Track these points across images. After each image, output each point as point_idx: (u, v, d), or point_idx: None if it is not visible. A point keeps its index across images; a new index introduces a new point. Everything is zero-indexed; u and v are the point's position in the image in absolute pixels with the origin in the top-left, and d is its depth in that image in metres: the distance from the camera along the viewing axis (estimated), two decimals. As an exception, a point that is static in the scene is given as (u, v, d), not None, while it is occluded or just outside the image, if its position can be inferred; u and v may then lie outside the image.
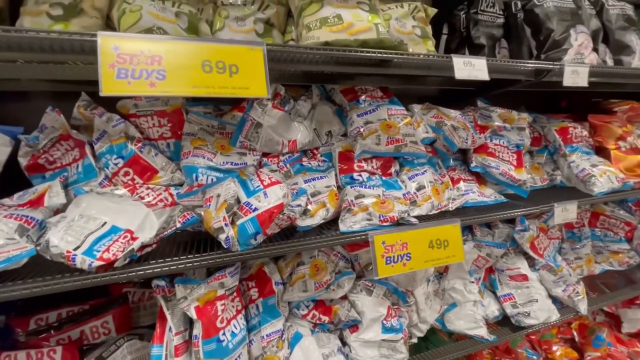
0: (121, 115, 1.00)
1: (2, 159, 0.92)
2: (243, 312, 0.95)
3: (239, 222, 0.76)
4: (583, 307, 1.33)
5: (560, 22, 1.23)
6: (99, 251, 0.68)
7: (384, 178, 1.07)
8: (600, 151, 1.51)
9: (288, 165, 1.07)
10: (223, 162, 1.01)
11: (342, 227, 0.93)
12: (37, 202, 0.88)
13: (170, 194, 1.00)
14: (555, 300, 1.34)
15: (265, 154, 1.11)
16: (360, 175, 1.04)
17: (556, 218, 1.17)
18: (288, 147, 1.09)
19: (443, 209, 1.11)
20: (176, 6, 0.93)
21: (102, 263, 0.66)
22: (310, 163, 1.09)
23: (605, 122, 1.53)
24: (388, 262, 0.88)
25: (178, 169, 1.05)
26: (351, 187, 1.00)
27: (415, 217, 1.00)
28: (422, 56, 0.89)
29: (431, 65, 0.98)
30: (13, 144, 0.94)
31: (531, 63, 1.09)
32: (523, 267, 1.32)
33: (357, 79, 1.20)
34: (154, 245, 0.78)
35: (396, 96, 1.20)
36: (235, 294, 0.93)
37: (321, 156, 1.13)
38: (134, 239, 0.72)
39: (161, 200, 0.98)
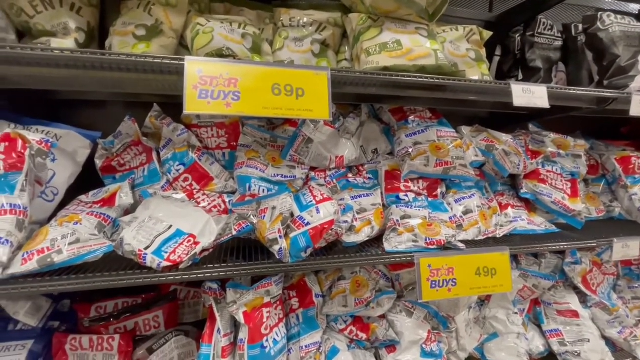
0: (185, 125, 1.08)
1: (82, 160, 1.03)
2: (284, 321, 0.98)
3: (291, 235, 0.79)
4: (641, 353, 1.22)
5: (628, 48, 1.17)
6: (166, 252, 0.74)
7: (430, 199, 1.07)
8: (667, 184, 1.39)
9: (335, 181, 1.10)
10: (274, 174, 1.06)
11: (387, 246, 0.93)
12: (109, 201, 0.98)
13: (224, 201, 1.07)
14: (609, 342, 1.24)
15: (312, 168, 1.15)
16: (407, 196, 1.05)
17: (615, 254, 1.09)
18: (335, 163, 1.12)
19: (490, 235, 1.09)
20: (242, 28, 1.01)
21: (169, 264, 0.72)
22: (356, 179, 1.11)
23: (674, 152, 1.41)
24: (433, 286, 0.87)
25: (231, 178, 1.12)
26: (397, 207, 1.01)
27: (461, 242, 0.98)
28: (479, 83, 0.88)
29: (488, 91, 0.97)
30: (92, 146, 1.05)
31: (595, 91, 1.05)
32: (573, 302, 1.24)
33: (404, 99, 1.21)
34: (211, 250, 0.83)
35: (446, 118, 1.20)
36: (278, 302, 0.96)
37: (367, 173, 1.15)
38: (196, 243, 0.77)
39: (215, 207, 1.05)
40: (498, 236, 1.10)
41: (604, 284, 1.30)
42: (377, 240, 1.00)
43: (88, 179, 1.05)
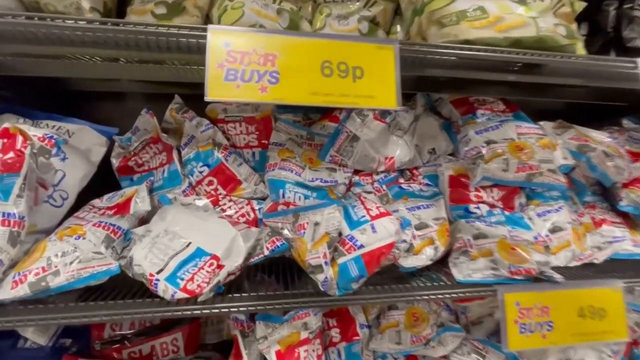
0: (210, 120, 0.93)
1: (97, 159, 0.91)
2: (323, 357, 0.80)
3: (340, 261, 0.61)
4: None
5: None
6: (182, 279, 0.58)
7: (506, 213, 0.85)
8: None
9: (384, 187, 0.91)
10: (312, 178, 0.89)
11: (457, 274, 0.73)
12: (124, 207, 0.85)
13: (253, 209, 0.91)
14: None
15: (356, 171, 0.97)
16: (478, 208, 0.83)
17: None
18: (385, 165, 0.93)
19: (586, 261, 0.85)
20: (277, 3, 0.84)
21: (185, 296, 0.56)
22: (410, 186, 0.91)
23: None
24: (522, 330, 0.66)
25: (261, 181, 0.96)
26: (467, 222, 0.80)
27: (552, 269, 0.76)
28: (601, 62, 0.66)
29: (602, 74, 0.73)
30: (108, 144, 0.93)
31: None
32: (687, 347, 0.97)
33: (470, 87, 0.99)
34: (238, 273, 0.67)
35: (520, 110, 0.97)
36: (317, 335, 0.79)
37: (423, 178, 0.94)
38: (220, 267, 0.61)
39: (243, 215, 0.89)
40: (597, 262, 0.86)
41: None
42: (438, 262, 0.80)
43: (105, 180, 0.93)
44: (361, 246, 0.61)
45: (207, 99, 0.47)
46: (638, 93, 0.73)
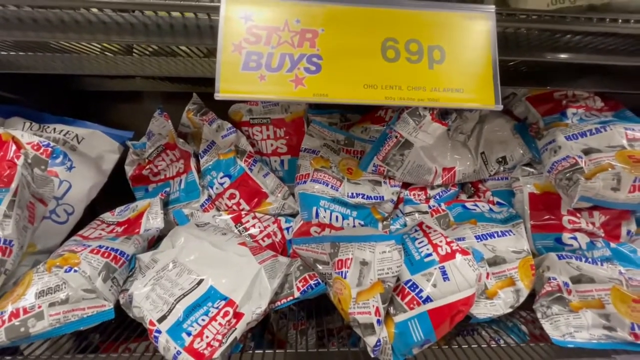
0: (232, 123, 0.80)
1: (109, 167, 0.81)
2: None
3: (397, 319, 0.44)
4: None
5: None
6: (189, 334, 0.45)
7: (611, 244, 0.64)
8: None
9: (443, 206, 0.73)
10: (351, 194, 0.73)
11: (553, 332, 0.54)
12: (134, 223, 0.74)
13: (280, 228, 0.77)
14: None
15: (405, 185, 0.79)
16: (575, 238, 0.63)
17: None
18: (442, 178, 0.75)
19: None
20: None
21: (191, 359, 0.42)
22: (477, 206, 0.72)
23: None
24: None
25: (291, 195, 0.81)
26: (560, 258, 0.60)
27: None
28: None
29: None
30: (122, 150, 0.82)
31: None
32: None
33: (554, 77, 0.77)
34: (260, 319, 0.52)
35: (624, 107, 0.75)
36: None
37: (492, 195, 0.75)
38: (237, 316, 0.47)
39: (269, 236, 0.76)
40: None
41: None
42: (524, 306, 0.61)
43: (120, 192, 0.83)
44: (428, 299, 0.44)
45: (217, 96, 0.33)
46: None
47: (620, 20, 0.39)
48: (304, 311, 0.68)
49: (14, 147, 0.58)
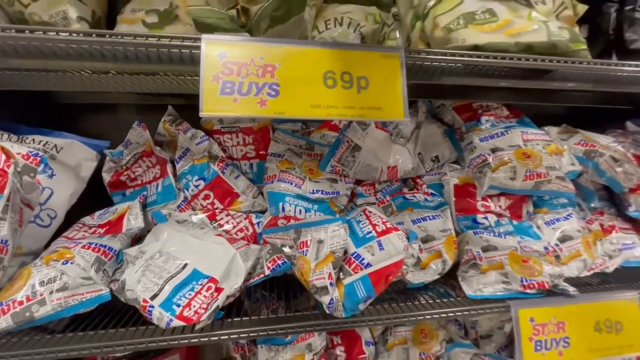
0: (205, 131, 0.90)
1: (87, 175, 0.87)
2: (329, 379, 0.76)
3: (346, 281, 0.58)
4: None
5: None
6: (179, 305, 0.54)
7: (514, 222, 0.82)
8: None
9: (388, 198, 0.88)
10: (312, 190, 0.85)
11: (468, 289, 0.70)
12: (116, 224, 0.81)
13: (251, 223, 0.88)
14: None
15: (357, 181, 0.94)
16: (487, 218, 0.81)
17: None
18: (387, 175, 0.90)
19: (597, 270, 0.82)
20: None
21: (182, 323, 0.52)
22: (415, 196, 0.88)
23: None
24: (538, 348, 0.63)
25: (260, 194, 0.92)
26: (475, 234, 0.77)
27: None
28: (617, 67, 0.63)
29: (616, 79, 0.71)
30: (99, 158, 0.89)
31: None
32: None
33: (473, 93, 0.96)
34: (238, 294, 0.63)
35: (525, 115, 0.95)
36: (321, 355, 0.75)
37: (427, 188, 0.91)
38: (218, 290, 0.58)
39: (241, 230, 0.86)
40: (608, 270, 0.83)
41: None
42: (448, 276, 0.77)
43: (96, 197, 0.89)
44: (368, 265, 0.58)
45: (202, 114, 0.44)
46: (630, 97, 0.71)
47: (491, 57, 0.56)
48: (275, 294, 0.79)
49: (3, 157, 0.64)
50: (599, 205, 0.98)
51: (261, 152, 0.94)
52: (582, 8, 0.92)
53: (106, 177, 0.91)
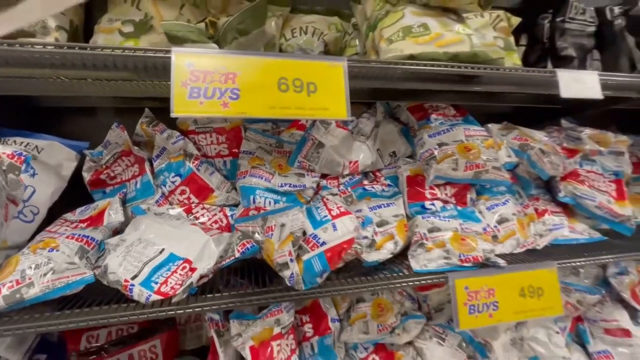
0: (181, 132, 0.97)
1: (68, 174, 0.92)
2: (297, 351, 0.85)
3: (304, 258, 0.67)
4: None
5: (678, 30, 1.03)
6: (157, 283, 0.62)
7: (459, 208, 0.94)
8: None
9: (349, 189, 0.98)
10: (281, 184, 0.94)
11: (415, 264, 0.81)
12: (97, 219, 0.87)
13: (225, 215, 0.95)
14: (666, 364, 1.09)
15: (323, 176, 1.03)
16: (433, 204, 0.92)
17: (675, 265, 0.95)
18: (349, 169, 1.00)
19: (529, 247, 0.95)
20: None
21: (159, 297, 0.60)
22: (373, 187, 0.99)
23: None
24: (472, 311, 0.74)
25: (233, 189, 1.00)
26: (423, 218, 0.88)
27: (498, 256, 0.85)
28: (523, 72, 0.76)
29: (528, 82, 0.84)
30: (79, 158, 0.94)
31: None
32: (623, 319, 1.09)
33: (424, 95, 1.08)
34: (211, 275, 0.71)
35: (469, 114, 1.07)
36: (290, 331, 0.83)
37: (385, 180, 1.02)
38: (192, 270, 0.65)
39: (216, 222, 0.93)
40: (538, 247, 0.96)
41: (656, 296, 1.15)
42: (400, 256, 0.88)
43: (77, 195, 0.94)
44: (323, 243, 0.67)
45: (172, 115, 0.52)
46: (559, 97, 0.83)
47: (421, 65, 0.67)
48: (251, 281, 0.87)
49: (-11, 157, 0.69)
50: (535, 193, 1.12)
51: (234, 150, 1.02)
52: (516, 20, 1.06)
53: (86, 176, 0.96)
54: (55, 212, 0.89)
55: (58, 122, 1.03)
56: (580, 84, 0.75)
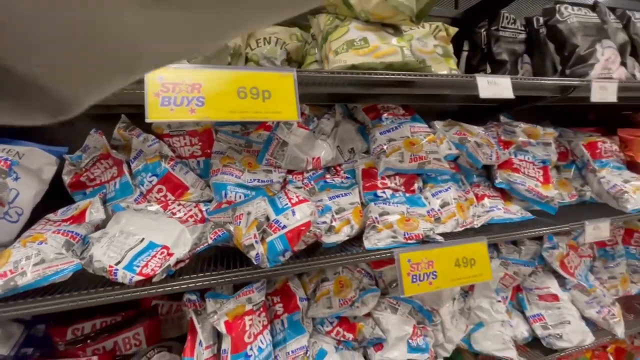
0: (156, 135, 1.06)
1: (49, 177, 0.99)
2: (269, 327, 0.96)
3: (268, 240, 0.78)
4: (620, 331, 1.26)
5: (585, 38, 1.22)
6: (138, 266, 0.72)
7: (407, 195, 1.08)
8: (633, 166, 1.46)
9: (312, 182, 1.10)
10: (250, 180, 1.04)
11: (367, 244, 0.93)
12: (79, 218, 0.94)
13: (200, 210, 1.05)
14: (589, 322, 1.28)
15: (290, 171, 1.15)
16: (384, 192, 1.05)
17: (587, 236, 1.13)
18: (312, 165, 1.12)
19: (468, 226, 1.10)
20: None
21: (141, 278, 0.70)
22: (334, 180, 1.11)
23: (637, 136, 1.48)
24: (414, 280, 0.88)
25: (207, 186, 1.10)
26: (375, 204, 1.01)
27: (440, 234, 0.99)
28: (445, 77, 0.90)
29: (455, 85, 0.99)
30: (58, 162, 1.01)
31: (557, 80, 1.09)
32: (553, 286, 1.27)
33: (377, 97, 1.22)
34: (187, 261, 0.81)
35: (418, 113, 1.22)
36: (261, 309, 0.94)
37: (344, 173, 1.15)
38: (169, 255, 0.75)
39: (191, 216, 1.02)
40: (476, 226, 1.11)
41: (581, 266, 1.34)
42: (358, 240, 1.00)
43: (57, 196, 1.01)
44: (284, 226, 0.79)
45: (147, 120, 0.62)
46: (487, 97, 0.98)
47: (361, 74, 0.80)
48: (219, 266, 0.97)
49: (-23, 162, 0.76)
50: (476, 180, 1.28)
51: (207, 151, 1.11)
52: (453, 30, 1.21)
53: (66, 179, 1.03)
54: (37, 213, 0.95)
55: (36, 130, 1.09)
56: (496, 86, 0.91)
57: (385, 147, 1.05)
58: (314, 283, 1.07)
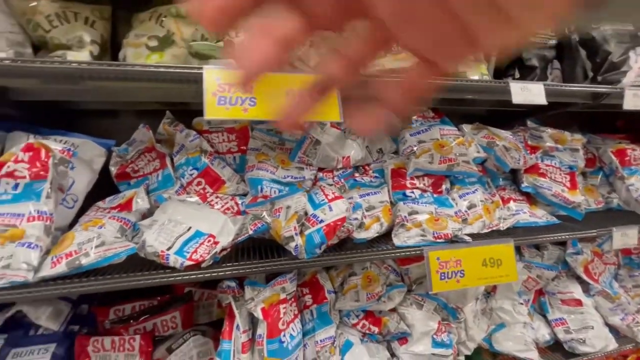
0: (196, 131, 1.12)
1: (98, 167, 1.06)
2: (299, 316, 1.01)
3: (306, 232, 0.83)
4: (644, 339, 1.26)
5: (619, 45, 1.22)
6: (188, 252, 0.77)
7: (435, 195, 1.11)
8: (662, 174, 1.44)
9: (342, 180, 1.14)
10: (284, 176, 1.09)
11: (397, 241, 0.97)
12: (126, 206, 1.01)
13: (236, 203, 1.10)
14: (612, 329, 1.28)
15: (320, 169, 1.19)
16: (413, 192, 1.08)
17: (615, 243, 1.13)
18: (342, 163, 1.16)
19: (494, 228, 1.12)
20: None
21: (191, 263, 0.75)
22: (363, 179, 1.15)
23: (668, 144, 1.46)
24: (442, 278, 0.91)
25: (242, 181, 1.15)
26: (404, 203, 1.04)
27: (466, 234, 1.02)
28: (479, 82, 0.93)
29: (487, 90, 1.01)
30: (107, 154, 1.08)
31: (590, 87, 1.10)
32: (576, 291, 1.28)
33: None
34: (229, 249, 0.86)
35: (445, 116, 1.24)
36: (293, 298, 0.99)
37: (373, 172, 1.18)
38: (216, 243, 0.81)
39: (228, 209, 1.08)
40: (502, 229, 1.13)
41: (605, 273, 1.34)
42: (385, 237, 1.04)
43: (102, 186, 1.08)
44: (321, 221, 0.83)
45: (206, 118, 0.67)
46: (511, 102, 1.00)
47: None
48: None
49: (44, 152, 0.83)
50: (502, 184, 1.30)
51: (242, 147, 1.17)
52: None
53: (113, 169, 1.10)
54: (85, 202, 1.03)
55: (86, 123, 1.17)
56: (528, 91, 0.93)
57: (415, 148, 1.08)
58: (341, 277, 1.12)
